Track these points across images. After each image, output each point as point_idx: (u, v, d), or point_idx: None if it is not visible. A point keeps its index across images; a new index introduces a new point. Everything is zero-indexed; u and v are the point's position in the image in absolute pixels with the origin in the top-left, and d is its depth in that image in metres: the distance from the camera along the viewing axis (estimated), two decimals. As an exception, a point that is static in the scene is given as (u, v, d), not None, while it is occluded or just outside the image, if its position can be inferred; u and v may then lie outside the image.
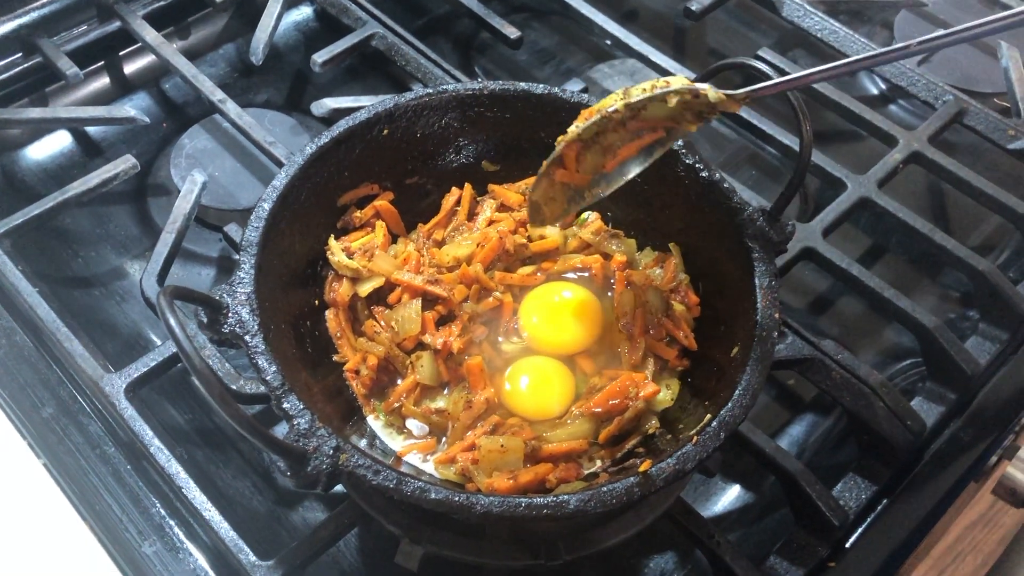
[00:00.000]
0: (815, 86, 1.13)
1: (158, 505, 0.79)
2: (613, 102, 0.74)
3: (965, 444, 0.88)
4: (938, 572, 1.00)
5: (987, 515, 1.06)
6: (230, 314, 0.68)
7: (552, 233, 0.86)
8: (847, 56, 1.18)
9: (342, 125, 0.81)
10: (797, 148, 0.75)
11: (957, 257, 0.97)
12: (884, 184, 1.03)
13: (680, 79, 0.73)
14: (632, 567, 0.84)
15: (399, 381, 0.78)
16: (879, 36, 1.30)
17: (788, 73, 1.12)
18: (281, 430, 0.65)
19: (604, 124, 0.75)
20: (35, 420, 0.82)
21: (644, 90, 0.73)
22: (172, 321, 0.55)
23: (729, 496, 0.90)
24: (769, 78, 0.73)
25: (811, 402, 0.97)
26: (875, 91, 1.26)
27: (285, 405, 0.64)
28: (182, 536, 0.77)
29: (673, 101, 0.72)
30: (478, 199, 0.89)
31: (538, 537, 0.74)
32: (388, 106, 0.82)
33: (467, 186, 0.88)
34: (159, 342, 0.94)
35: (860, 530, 0.83)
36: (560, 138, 0.76)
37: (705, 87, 0.72)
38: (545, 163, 0.77)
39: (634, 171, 0.77)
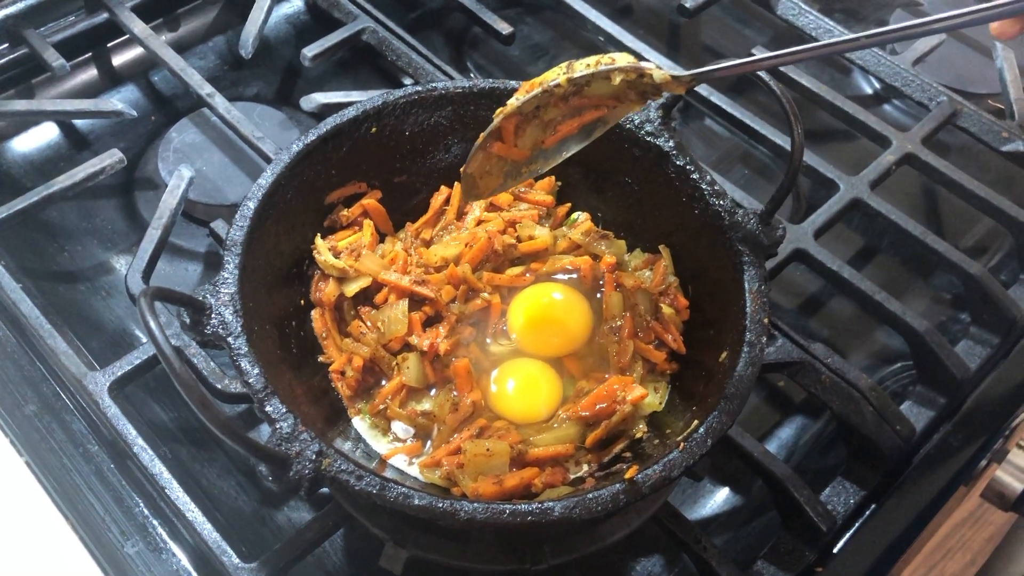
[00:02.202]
0: (808, 84, 1.12)
1: (141, 505, 0.78)
2: (555, 76, 0.71)
3: (954, 448, 0.88)
4: (927, 569, 1.00)
5: (976, 513, 1.06)
6: (213, 315, 0.68)
7: (542, 234, 0.85)
8: (843, 56, 1.18)
9: (329, 123, 0.80)
10: (788, 147, 0.74)
11: (949, 260, 0.97)
12: (877, 185, 1.03)
13: (625, 56, 0.70)
14: (618, 571, 0.84)
15: (384, 383, 0.78)
16: (874, 35, 1.29)
17: (781, 73, 1.13)
18: (267, 429, 0.64)
19: (545, 98, 0.72)
20: (17, 417, 0.82)
21: (588, 65, 0.70)
22: (152, 324, 0.55)
23: (717, 499, 0.89)
24: (761, 79, 0.72)
25: (801, 404, 0.97)
26: (869, 91, 1.25)
27: (268, 408, 0.64)
28: (165, 536, 0.77)
29: (617, 79, 0.69)
30: (467, 198, 0.88)
31: (524, 541, 0.73)
32: (376, 104, 0.81)
33: (456, 185, 0.87)
34: (144, 339, 0.93)
35: (848, 535, 0.82)
36: (499, 110, 0.74)
37: (650, 66, 0.69)
38: (482, 135, 0.75)
39: (573, 149, 0.75)
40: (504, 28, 1.13)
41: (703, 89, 1.09)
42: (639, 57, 0.77)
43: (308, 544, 0.76)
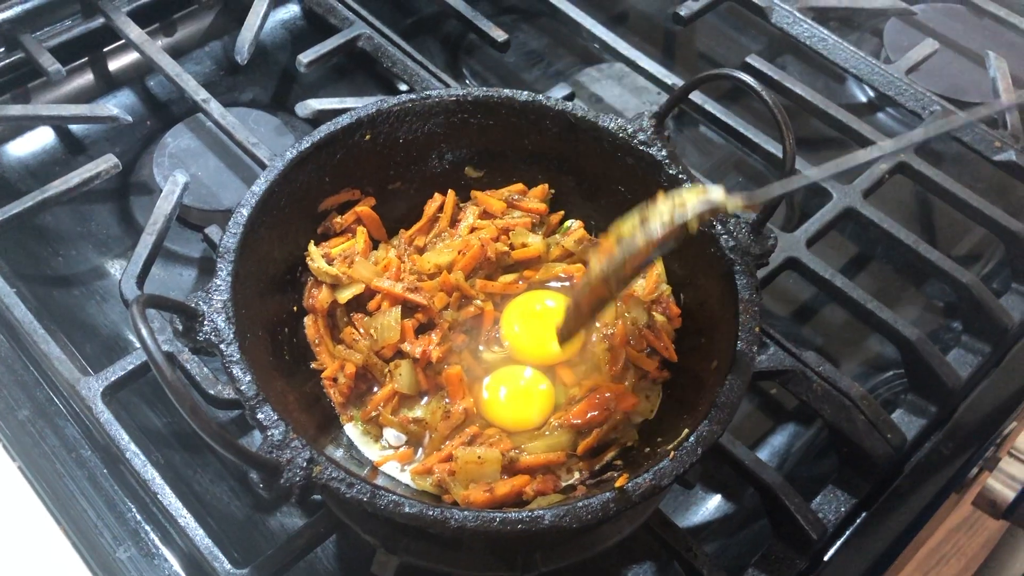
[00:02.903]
0: (802, 92, 1.12)
1: (134, 510, 0.78)
2: (631, 236, 0.69)
3: (946, 457, 0.88)
4: (922, 575, 1.00)
5: (970, 519, 1.06)
6: (206, 322, 0.68)
7: (535, 241, 0.85)
8: (836, 63, 1.18)
9: (323, 130, 0.80)
10: (781, 156, 0.75)
11: (941, 269, 0.97)
12: (870, 194, 1.03)
13: (694, 195, 0.69)
14: (610, 578, 0.84)
15: (376, 389, 0.78)
16: (868, 43, 1.30)
17: (775, 81, 1.13)
18: (259, 435, 0.64)
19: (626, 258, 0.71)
20: (10, 422, 0.82)
21: (663, 221, 0.68)
22: (144, 332, 0.55)
23: (709, 506, 0.90)
24: (753, 90, 0.73)
25: (793, 411, 0.97)
26: (863, 99, 1.26)
27: (259, 416, 0.64)
28: (157, 542, 0.77)
29: (694, 225, 0.69)
30: (461, 205, 0.88)
31: (515, 548, 0.73)
32: (371, 111, 0.82)
33: (450, 192, 0.87)
34: (138, 345, 0.93)
35: (839, 543, 0.82)
36: (583, 281, 0.73)
37: (720, 197, 0.68)
38: (570, 300, 0.74)
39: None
40: (499, 35, 1.13)
41: (697, 97, 1.10)
42: (699, 180, 0.77)
43: (300, 550, 0.76)
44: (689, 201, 0.69)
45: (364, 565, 0.75)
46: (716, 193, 0.69)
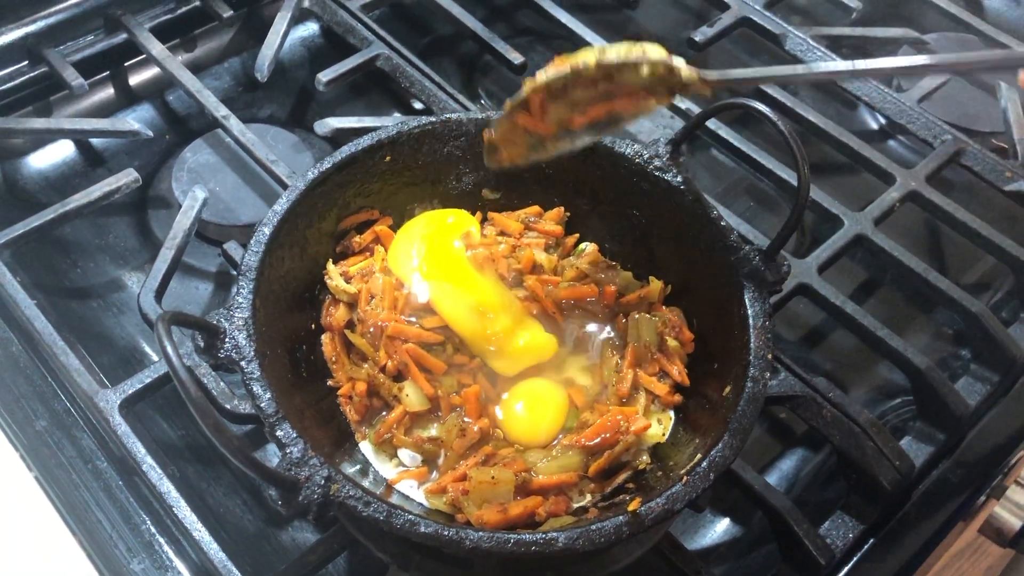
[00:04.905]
0: (814, 119, 1.14)
1: (148, 522, 0.79)
2: (586, 57, 0.71)
3: (953, 485, 0.89)
4: (926, 600, 1.00)
5: (974, 544, 1.06)
6: (227, 339, 0.69)
7: (542, 256, 0.86)
8: (848, 90, 1.19)
9: (345, 151, 0.81)
10: (794, 182, 0.76)
11: (950, 297, 0.98)
12: (880, 222, 1.04)
13: (657, 48, 0.71)
14: (619, 599, 0.84)
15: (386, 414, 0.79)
16: (880, 71, 1.31)
17: (787, 108, 1.14)
18: (272, 448, 0.65)
19: (573, 78, 0.72)
20: (28, 432, 0.83)
21: (620, 53, 0.71)
22: (170, 350, 0.56)
23: (718, 529, 0.90)
24: (770, 120, 0.74)
25: (802, 436, 0.98)
26: (875, 126, 1.27)
27: (278, 433, 0.65)
28: (171, 554, 0.78)
29: (645, 71, 0.70)
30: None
31: (526, 569, 0.74)
32: (391, 133, 0.83)
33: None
34: (155, 357, 0.95)
35: (846, 569, 0.83)
36: (527, 81, 0.74)
37: (680, 62, 0.70)
38: (508, 104, 0.75)
39: (603, 135, 0.75)
40: (516, 58, 1.15)
41: (710, 122, 1.11)
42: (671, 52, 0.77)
43: (312, 566, 0.76)
44: (651, 50, 0.71)
45: (376, 583, 0.76)
46: (679, 60, 0.71)
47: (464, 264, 0.82)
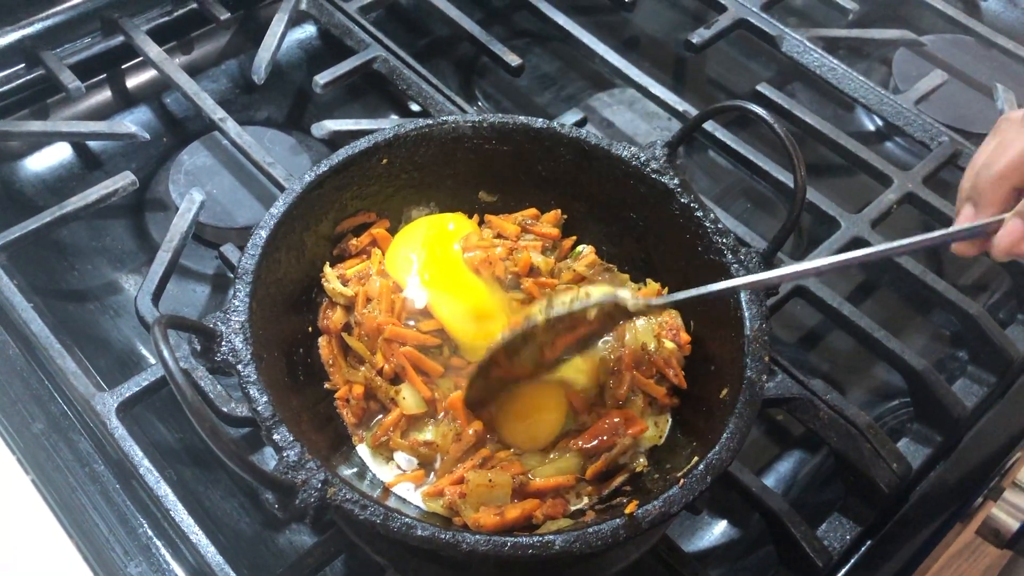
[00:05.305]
0: (811, 121, 1.14)
1: (145, 525, 0.79)
2: (536, 313, 0.73)
3: (951, 486, 0.89)
4: (924, 601, 1.00)
5: (972, 545, 1.06)
6: (223, 342, 0.69)
7: (539, 259, 0.86)
8: (845, 92, 1.19)
9: (341, 154, 0.81)
10: (791, 184, 0.76)
11: (947, 299, 0.98)
12: (877, 224, 1.04)
13: (601, 289, 0.74)
14: (616, 602, 0.84)
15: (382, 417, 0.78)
16: (877, 73, 1.31)
17: (784, 109, 1.14)
18: (269, 452, 0.65)
19: (528, 334, 0.74)
20: (25, 435, 0.82)
21: (564, 304, 0.73)
22: (166, 354, 0.56)
23: (715, 532, 0.90)
24: (767, 123, 0.74)
25: (800, 438, 0.98)
26: (872, 128, 1.27)
27: (275, 436, 0.65)
28: (168, 558, 0.77)
29: (593, 313, 0.73)
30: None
31: (523, 571, 0.74)
32: (388, 136, 0.83)
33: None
34: (152, 360, 0.94)
35: (844, 571, 0.83)
36: (487, 346, 0.75)
37: (625, 296, 0.73)
38: (474, 367, 0.76)
39: (576, 355, 0.77)
40: (513, 60, 1.15)
41: (707, 124, 1.11)
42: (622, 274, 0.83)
43: (309, 569, 0.76)
44: (595, 293, 0.73)
45: (373, 586, 0.76)
46: (623, 293, 0.74)
47: (462, 269, 0.82)
